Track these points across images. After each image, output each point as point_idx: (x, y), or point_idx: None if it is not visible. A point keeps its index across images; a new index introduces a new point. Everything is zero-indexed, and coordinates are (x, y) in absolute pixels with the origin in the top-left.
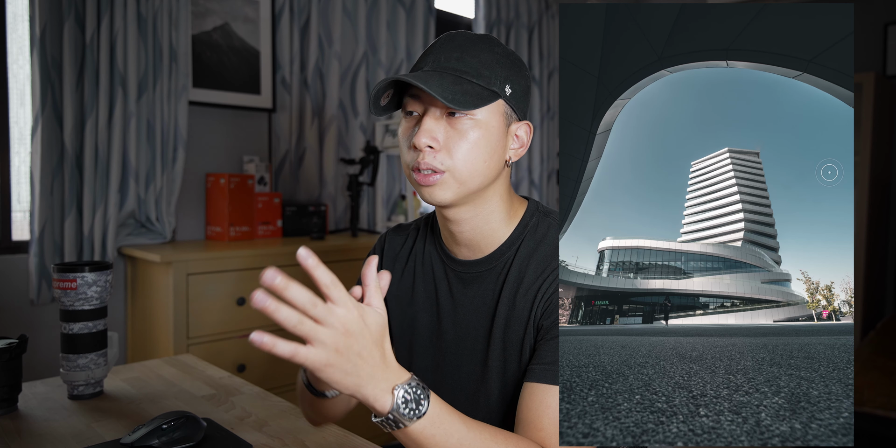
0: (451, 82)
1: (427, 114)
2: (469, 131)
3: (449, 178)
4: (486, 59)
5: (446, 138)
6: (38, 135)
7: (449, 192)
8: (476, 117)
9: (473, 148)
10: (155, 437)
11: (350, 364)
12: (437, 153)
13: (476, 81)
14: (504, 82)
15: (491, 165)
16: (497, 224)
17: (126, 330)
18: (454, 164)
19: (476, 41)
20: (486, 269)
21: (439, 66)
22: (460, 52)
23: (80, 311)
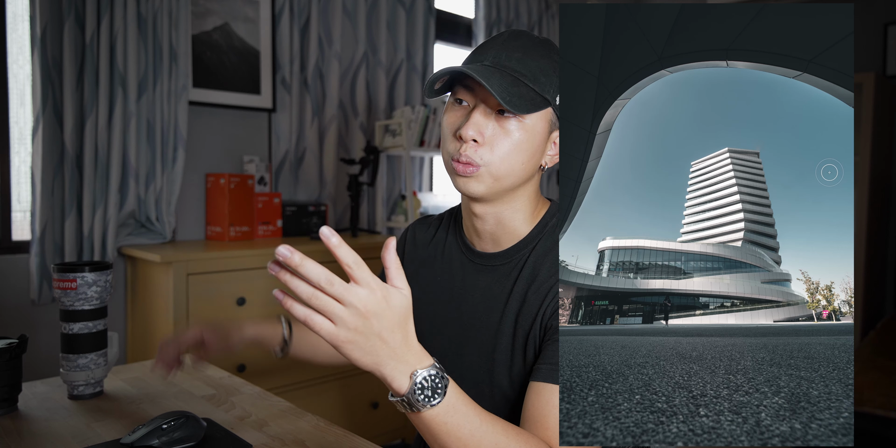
0: (510, 83)
1: (477, 108)
2: (515, 132)
3: (485, 173)
4: (545, 65)
5: (492, 135)
6: (39, 135)
7: (482, 186)
8: (524, 120)
9: (515, 149)
10: (155, 437)
11: (369, 344)
12: (479, 147)
13: (532, 86)
14: (556, 91)
15: (527, 168)
16: (519, 222)
17: (126, 330)
18: (493, 161)
19: (538, 45)
20: (502, 263)
21: (500, 64)
22: (522, 53)
23: (80, 311)
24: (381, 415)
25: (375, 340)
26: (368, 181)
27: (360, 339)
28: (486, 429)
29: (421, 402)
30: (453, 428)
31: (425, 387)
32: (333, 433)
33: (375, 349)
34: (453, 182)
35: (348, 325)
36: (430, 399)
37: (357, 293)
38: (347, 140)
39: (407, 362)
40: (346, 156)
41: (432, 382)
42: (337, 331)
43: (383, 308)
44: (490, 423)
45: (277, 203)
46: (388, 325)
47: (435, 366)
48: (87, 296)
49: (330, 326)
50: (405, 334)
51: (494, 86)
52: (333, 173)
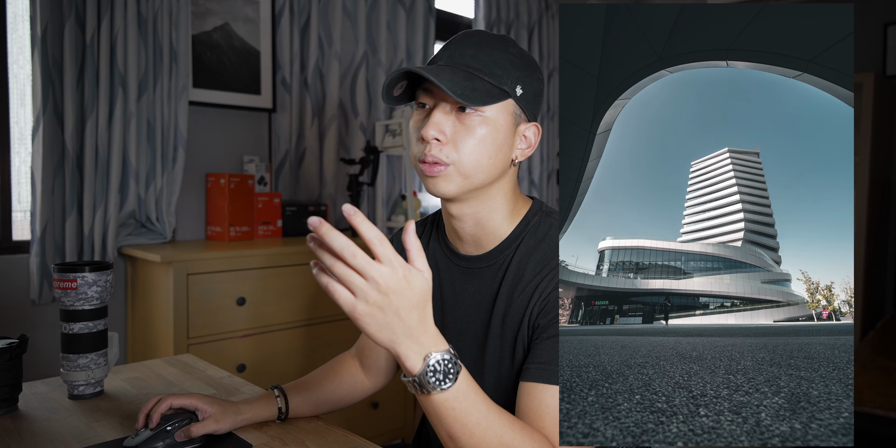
0: (462, 78)
1: (437, 107)
2: (477, 127)
3: (453, 171)
4: (500, 58)
5: (454, 132)
6: (39, 135)
7: (452, 185)
8: (485, 114)
9: (480, 144)
10: (160, 440)
11: (387, 320)
12: (443, 146)
13: (487, 79)
14: (515, 83)
15: (496, 162)
16: (499, 221)
17: (126, 330)
18: (459, 158)
19: (492, 41)
20: (487, 265)
21: (453, 62)
22: (475, 50)
23: (80, 311)
24: (381, 415)
25: (393, 317)
26: (368, 181)
27: (378, 314)
28: (492, 419)
29: (432, 385)
30: (461, 414)
31: (437, 370)
32: (333, 433)
33: (392, 326)
34: (424, 185)
35: (368, 298)
36: (441, 383)
37: (379, 269)
38: (347, 140)
39: (422, 344)
40: (346, 156)
41: (445, 367)
42: (355, 302)
43: (403, 287)
44: (497, 414)
45: (277, 203)
46: (406, 304)
47: (450, 351)
48: (88, 296)
49: (349, 296)
50: (422, 316)
51: (445, 81)
52: (333, 173)
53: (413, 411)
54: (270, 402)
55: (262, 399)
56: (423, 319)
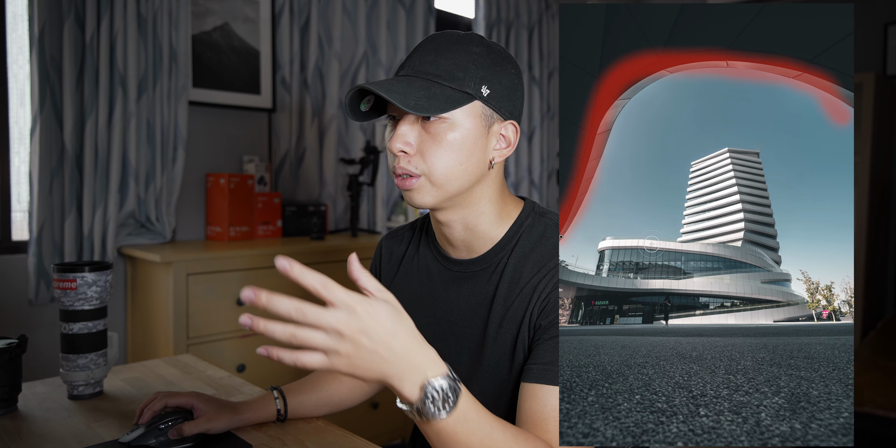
0: (418, 87)
1: (402, 119)
2: (443, 134)
3: (425, 183)
4: (461, 60)
5: (420, 142)
6: (38, 135)
7: (428, 196)
8: (450, 120)
9: (447, 151)
10: (152, 437)
11: (368, 362)
12: (411, 158)
13: (447, 84)
14: (480, 83)
15: (469, 168)
16: (488, 225)
17: (126, 330)
18: (428, 168)
19: (454, 42)
20: (481, 269)
21: (414, 71)
22: (435, 55)
23: (80, 311)
24: (381, 415)
25: (373, 356)
26: (368, 181)
27: (357, 361)
28: (496, 436)
29: (431, 413)
30: (463, 437)
31: (436, 398)
32: (333, 433)
33: (376, 365)
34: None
35: (339, 350)
36: (440, 411)
37: (335, 316)
38: (347, 140)
39: (415, 369)
40: (346, 156)
41: (443, 393)
42: (330, 361)
43: (368, 323)
44: (501, 430)
45: (277, 203)
46: (380, 338)
47: (448, 375)
48: (87, 296)
49: (321, 359)
50: (405, 341)
51: (396, 94)
52: (333, 173)
53: None
54: (269, 404)
55: (260, 400)
56: (406, 344)
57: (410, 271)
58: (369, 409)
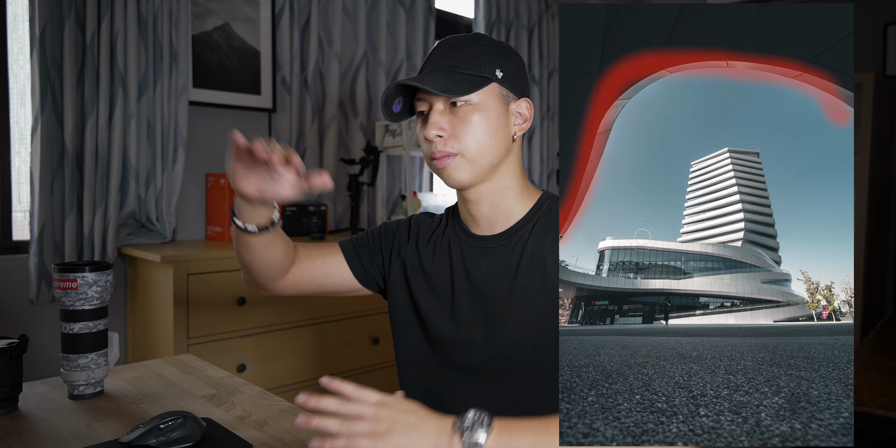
0: (444, 77)
1: (432, 109)
2: (470, 116)
3: (461, 160)
4: (474, 52)
5: (451, 126)
6: (38, 135)
7: (465, 173)
8: (473, 102)
9: (477, 129)
10: (152, 437)
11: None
12: (446, 140)
13: (467, 72)
14: (493, 68)
15: (497, 142)
16: (512, 201)
17: (126, 330)
18: (462, 146)
19: (463, 40)
20: (502, 244)
21: (435, 67)
22: (451, 52)
23: (80, 311)
24: None
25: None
26: (368, 181)
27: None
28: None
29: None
30: None
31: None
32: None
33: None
34: (442, 179)
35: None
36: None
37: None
38: (347, 140)
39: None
40: (346, 156)
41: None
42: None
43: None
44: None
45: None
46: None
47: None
48: (88, 296)
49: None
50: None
51: (428, 83)
52: (333, 173)
53: None
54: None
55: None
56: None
57: (435, 249)
58: None
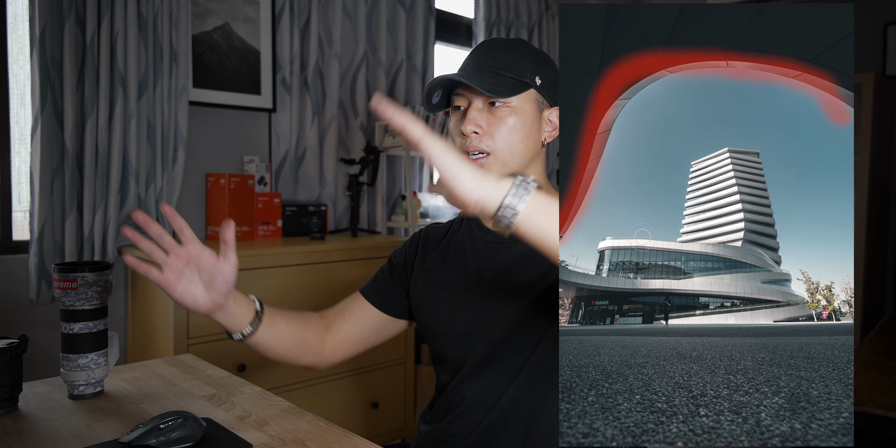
0: (489, 76)
1: (471, 106)
2: (507, 117)
3: (493, 160)
4: (516, 56)
5: (488, 124)
6: (38, 135)
7: (495, 173)
8: (512, 105)
9: (512, 131)
10: (152, 437)
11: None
12: (482, 137)
13: (509, 75)
14: (534, 74)
15: (528, 146)
16: None
17: (126, 330)
18: (496, 146)
19: (507, 43)
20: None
21: (478, 66)
22: (495, 53)
23: (80, 310)
24: (381, 415)
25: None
26: (368, 181)
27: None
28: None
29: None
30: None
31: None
32: (333, 433)
33: None
34: None
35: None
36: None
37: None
38: (347, 140)
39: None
40: (346, 156)
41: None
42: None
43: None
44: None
45: (277, 203)
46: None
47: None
48: (88, 296)
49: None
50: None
51: (475, 81)
52: (333, 173)
53: (413, 411)
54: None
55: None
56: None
57: (446, 249)
58: (369, 409)
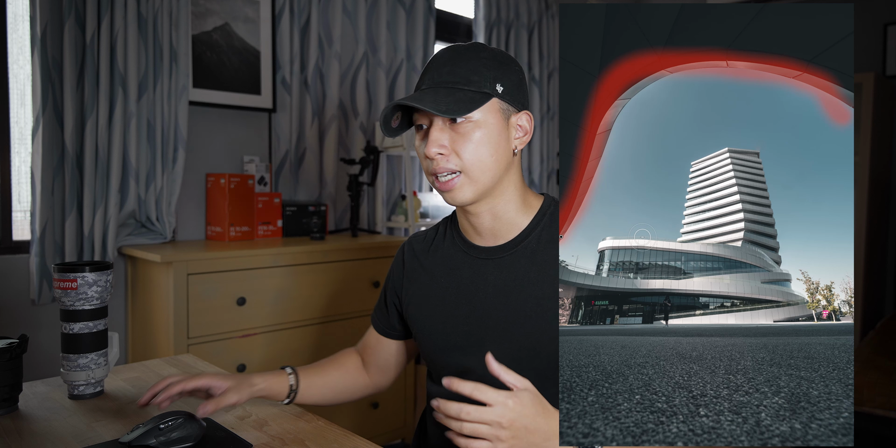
0: (444, 94)
1: (432, 125)
2: (472, 133)
3: (464, 179)
4: (474, 65)
5: (452, 143)
6: (39, 135)
7: (468, 192)
8: (474, 119)
9: (478, 146)
10: (153, 437)
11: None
12: (448, 157)
13: (468, 88)
14: (494, 82)
15: (498, 158)
16: (514, 213)
17: (126, 330)
18: (464, 164)
19: (462, 52)
20: (508, 254)
21: (434, 83)
22: (451, 66)
23: (80, 311)
24: (381, 415)
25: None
26: (368, 181)
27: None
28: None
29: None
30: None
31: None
32: (333, 433)
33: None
34: (444, 198)
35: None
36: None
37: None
38: (347, 140)
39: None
40: (346, 156)
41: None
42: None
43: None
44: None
45: (277, 203)
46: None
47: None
48: (88, 296)
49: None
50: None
51: (428, 103)
52: (333, 173)
53: (413, 411)
54: (282, 378)
55: (273, 373)
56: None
57: (435, 263)
58: (369, 409)
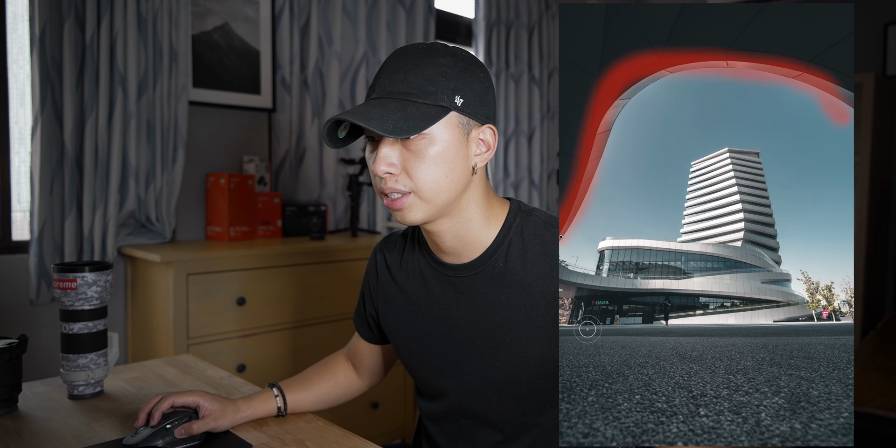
0: (393, 109)
1: (382, 141)
2: (424, 150)
3: (415, 199)
4: (430, 74)
5: (403, 161)
6: (38, 135)
7: (419, 213)
8: (429, 135)
9: (432, 166)
10: (159, 438)
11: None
12: (397, 177)
13: (421, 101)
14: (453, 94)
15: (454, 179)
16: (477, 230)
17: (126, 330)
18: (416, 185)
19: (420, 56)
20: (475, 273)
21: (385, 92)
22: (404, 73)
23: (80, 311)
24: (381, 415)
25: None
26: (368, 181)
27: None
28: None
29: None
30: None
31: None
32: (333, 433)
33: None
34: (394, 217)
35: None
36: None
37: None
38: None
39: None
40: (346, 156)
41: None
42: None
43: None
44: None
45: (277, 203)
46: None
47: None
48: (87, 296)
49: None
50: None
51: (374, 121)
52: (333, 173)
53: (413, 411)
54: (269, 400)
55: (260, 397)
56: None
57: (405, 278)
58: (369, 409)
